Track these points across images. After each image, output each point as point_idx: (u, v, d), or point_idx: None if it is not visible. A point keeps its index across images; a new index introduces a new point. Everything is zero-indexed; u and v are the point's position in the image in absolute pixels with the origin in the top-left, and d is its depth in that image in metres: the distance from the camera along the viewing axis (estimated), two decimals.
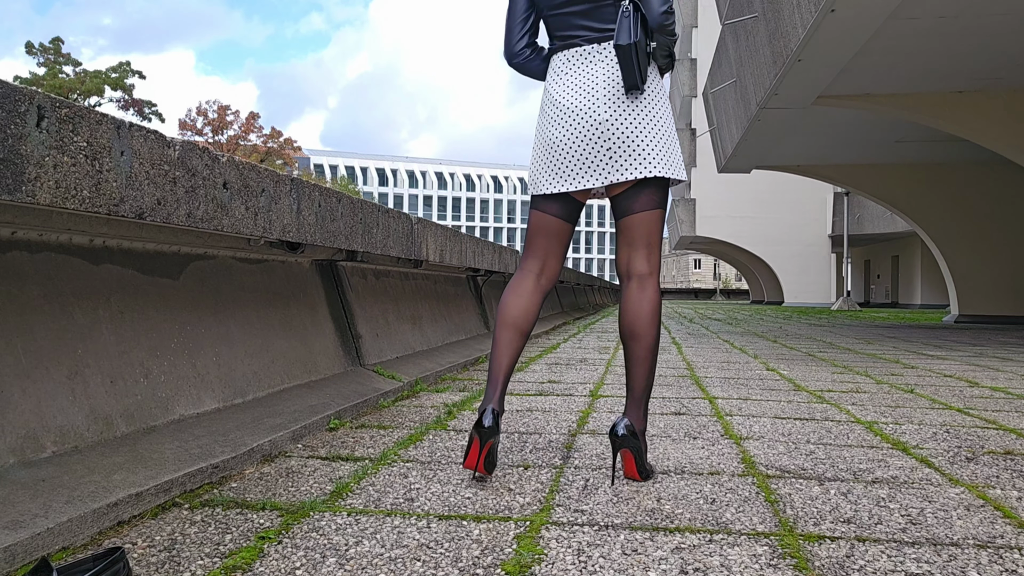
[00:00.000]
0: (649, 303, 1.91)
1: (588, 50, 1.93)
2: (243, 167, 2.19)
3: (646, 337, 1.90)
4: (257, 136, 49.49)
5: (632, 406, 1.92)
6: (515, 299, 1.97)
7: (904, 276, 29.06)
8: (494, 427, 1.76)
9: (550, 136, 1.94)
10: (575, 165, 1.91)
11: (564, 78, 1.95)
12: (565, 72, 1.95)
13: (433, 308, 4.85)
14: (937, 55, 7.63)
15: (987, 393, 3.68)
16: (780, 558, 1.36)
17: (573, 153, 1.90)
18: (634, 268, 1.94)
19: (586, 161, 1.89)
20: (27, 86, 1.40)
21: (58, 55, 39.23)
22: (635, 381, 1.92)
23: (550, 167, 1.95)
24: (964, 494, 1.80)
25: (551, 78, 1.99)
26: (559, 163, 1.93)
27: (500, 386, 1.88)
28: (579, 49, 1.95)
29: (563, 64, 1.97)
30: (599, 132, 1.87)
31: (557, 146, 1.92)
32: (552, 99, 1.96)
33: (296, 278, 2.97)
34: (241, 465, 1.91)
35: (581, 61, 1.94)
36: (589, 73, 1.92)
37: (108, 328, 1.83)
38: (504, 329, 1.94)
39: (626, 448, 1.83)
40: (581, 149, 1.89)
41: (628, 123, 1.87)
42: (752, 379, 4.13)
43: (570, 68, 1.95)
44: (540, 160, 1.98)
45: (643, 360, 1.91)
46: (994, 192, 13.04)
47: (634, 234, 1.94)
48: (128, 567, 1.17)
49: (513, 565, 1.30)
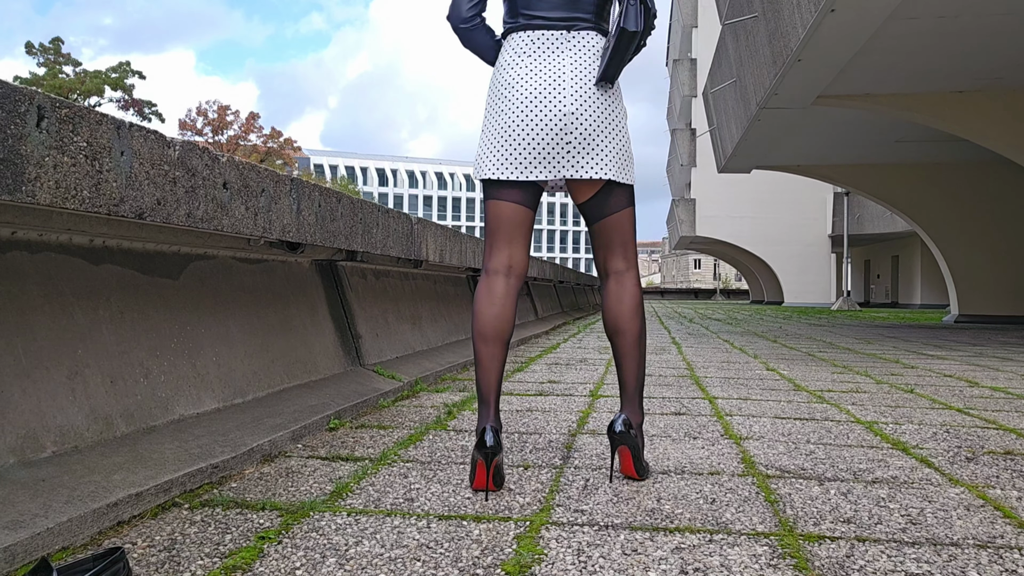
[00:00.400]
0: (629, 297, 1.90)
1: (556, 36, 1.84)
2: (243, 167, 2.19)
3: (630, 331, 1.89)
4: (257, 136, 49.50)
5: (626, 402, 1.91)
6: (488, 308, 1.84)
7: (904, 276, 29.05)
8: (496, 445, 1.71)
9: (506, 122, 1.83)
10: (531, 154, 1.81)
11: (526, 61, 1.84)
12: (527, 55, 1.84)
13: (433, 308, 4.85)
14: (937, 55, 7.63)
15: (987, 393, 3.68)
16: (780, 558, 1.36)
17: (531, 142, 1.81)
18: (611, 266, 1.93)
19: (544, 152, 1.81)
20: (27, 86, 1.40)
21: (58, 55, 39.23)
22: (626, 376, 1.92)
23: (504, 153, 1.83)
24: (964, 494, 1.80)
25: (511, 59, 1.86)
26: (515, 150, 1.82)
27: (493, 403, 1.81)
28: (546, 33, 1.84)
29: (525, 46, 1.85)
30: (561, 124, 1.79)
31: (513, 132, 1.82)
32: (510, 82, 1.84)
33: (296, 278, 2.97)
34: (241, 465, 1.91)
35: (548, 46, 1.84)
36: (556, 61, 1.82)
37: (108, 328, 1.83)
38: (484, 343, 1.84)
39: (624, 445, 1.83)
40: (540, 139, 1.80)
41: (592, 119, 1.80)
42: (752, 379, 4.13)
43: (534, 52, 1.84)
44: (493, 145, 1.85)
45: (630, 354, 1.90)
46: (994, 192, 13.04)
47: (609, 236, 1.92)
48: (128, 567, 1.17)
49: (513, 565, 1.30)
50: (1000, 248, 13.01)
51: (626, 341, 1.91)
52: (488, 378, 1.83)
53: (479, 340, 1.85)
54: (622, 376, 1.93)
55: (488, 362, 1.84)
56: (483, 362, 1.84)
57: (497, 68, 1.90)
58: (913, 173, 13.61)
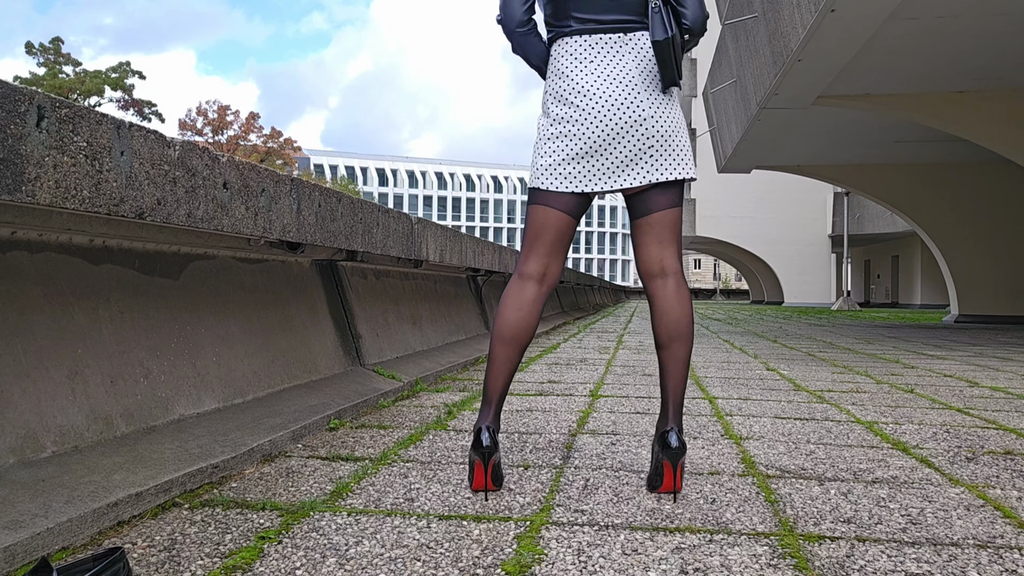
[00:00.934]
0: (689, 302, 1.83)
1: (614, 39, 1.79)
2: (243, 167, 2.19)
3: (690, 337, 1.81)
4: (257, 136, 49.53)
5: (673, 412, 1.77)
6: (516, 312, 1.80)
7: (904, 276, 29.06)
8: (492, 445, 1.69)
9: (576, 130, 1.75)
10: (610, 162, 1.75)
11: (589, 66, 1.77)
12: (589, 60, 1.77)
13: (433, 308, 4.85)
14: (937, 55, 7.63)
15: (987, 393, 3.68)
16: (780, 558, 1.36)
17: (610, 149, 1.74)
18: (668, 266, 1.83)
19: (624, 158, 1.75)
20: (27, 86, 1.40)
21: (58, 55, 39.24)
22: (678, 385, 1.80)
23: (573, 162, 1.76)
24: (964, 494, 1.80)
25: (572, 65, 1.79)
26: (588, 159, 1.75)
27: (495, 405, 1.78)
28: (603, 37, 1.79)
29: (584, 51, 1.78)
30: (642, 129, 1.74)
31: (587, 140, 1.75)
32: (576, 87, 1.76)
33: (296, 278, 2.97)
34: (241, 465, 1.91)
35: (609, 51, 1.78)
36: (621, 64, 1.77)
37: (108, 328, 1.83)
38: (503, 346, 1.80)
39: (680, 460, 1.69)
40: (620, 145, 1.74)
41: (667, 121, 1.77)
42: (752, 379, 4.13)
43: (596, 57, 1.78)
44: (559, 153, 1.78)
45: (685, 362, 1.80)
46: (994, 192, 13.04)
47: (665, 231, 1.83)
48: (128, 567, 1.17)
49: (513, 565, 1.30)
50: (1000, 248, 13.02)
51: (684, 348, 1.80)
52: (497, 380, 1.80)
53: (498, 341, 1.81)
54: (673, 385, 1.80)
55: (502, 364, 1.81)
56: (496, 363, 1.81)
57: (557, 75, 1.82)
58: (913, 173, 13.61)
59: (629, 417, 2.81)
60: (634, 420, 2.75)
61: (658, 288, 1.83)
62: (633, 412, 2.93)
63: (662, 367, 1.82)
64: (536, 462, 2.06)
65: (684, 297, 1.82)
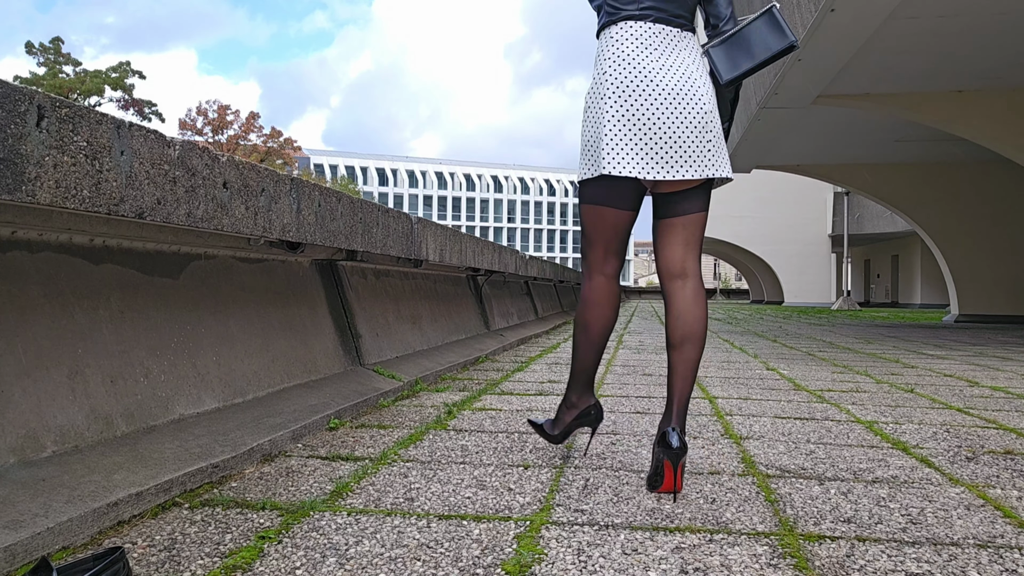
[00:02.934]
0: (705, 305, 1.86)
1: (675, 33, 1.79)
2: (243, 167, 2.19)
3: (702, 340, 1.83)
4: (257, 136, 49.51)
5: (677, 413, 1.77)
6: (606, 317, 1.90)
7: (904, 276, 29.06)
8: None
9: (645, 116, 1.72)
10: (675, 152, 1.73)
11: (656, 55, 1.76)
12: (656, 48, 1.77)
13: (433, 308, 4.85)
14: (937, 55, 7.63)
15: (987, 393, 3.68)
16: (780, 558, 1.36)
17: (677, 138, 1.73)
18: (690, 268, 1.84)
19: (688, 150, 1.74)
20: (27, 86, 1.40)
21: (58, 55, 39.23)
22: (686, 387, 1.80)
23: (642, 149, 1.72)
24: (964, 494, 1.80)
25: (638, 49, 1.76)
26: (657, 147, 1.72)
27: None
28: (666, 28, 1.79)
29: (650, 38, 1.77)
30: (705, 122, 1.75)
31: (656, 128, 1.72)
32: (643, 73, 1.74)
33: (296, 278, 2.97)
34: (241, 465, 1.91)
35: (672, 42, 1.79)
36: (683, 58, 1.78)
37: (108, 328, 1.83)
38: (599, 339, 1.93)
39: (681, 460, 1.69)
40: (685, 136, 1.73)
41: (717, 120, 1.81)
42: (752, 379, 4.13)
43: (661, 45, 1.78)
44: (627, 139, 1.73)
45: (695, 364, 1.81)
46: (994, 192, 13.04)
47: (693, 233, 1.84)
48: (128, 567, 1.17)
49: (513, 565, 1.30)
50: (1000, 248, 13.02)
51: (698, 349, 1.81)
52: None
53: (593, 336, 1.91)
54: (681, 386, 1.80)
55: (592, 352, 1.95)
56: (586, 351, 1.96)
57: (621, 57, 1.78)
58: (913, 173, 13.61)
59: (629, 417, 2.81)
60: (634, 420, 2.75)
61: (678, 289, 1.84)
62: (633, 412, 2.93)
63: (672, 367, 1.82)
64: (536, 462, 2.06)
65: (701, 300, 1.84)
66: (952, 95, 8.95)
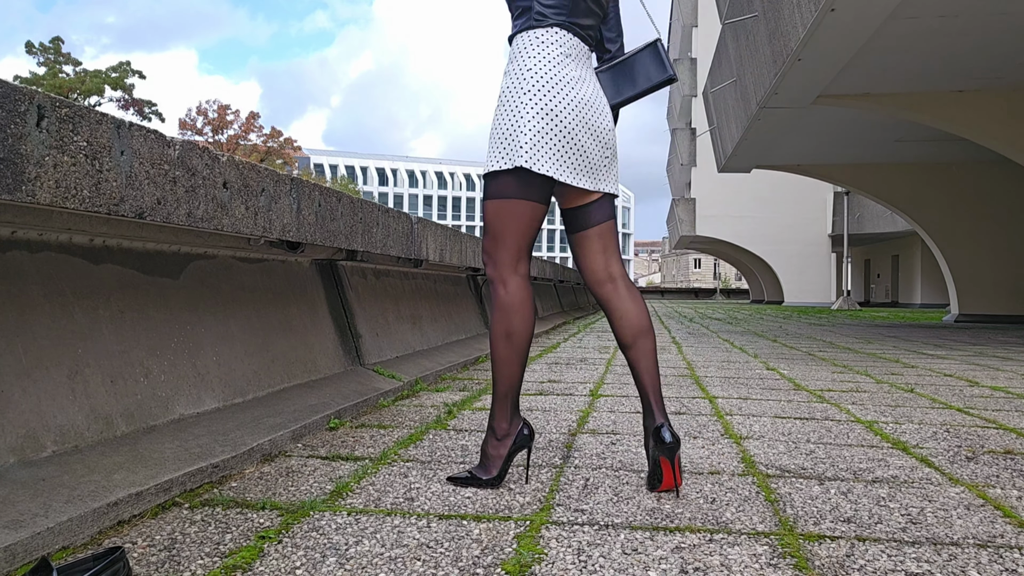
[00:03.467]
0: (641, 298, 1.91)
1: (587, 51, 1.87)
2: (243, 167, 2.19)
3: (651, 331, 1.87)
4: (257, 136, 49.50)
5: (657, 407, 1.80)
6: (529, 323, 1.81)
7: (904, 275, 29.05)
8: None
9: (566, 119, 1.75)
10: (583, 162, 1.79)
11: (575, 65, 1.81)
12: (575, 59, 1.82)
13: (433, 308, 4.85)
14: (937, 55, 7.63)
15: (987, 392, 3.68)
16: (780, 557, 1.36)
17: (588, 149, 1.79)
18: (615, 271, 1.91)
19: (591, 162, 1.81)
20: (27, 86, 1.40)
21: (58, 54, 39.22)
22: (654, 379, 1.84)
23: (559, 152, 1.75)
24: (964, 493, 1.80)
25: (562, 56, 1.79)
26: (572, 153, 1.77)
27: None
28: (582, 45, 1.84)
29: (572, 49, 1.81)
30: (606, 139, 1.84)
31: (572, 134, 1.76)
32: (566, 79, 1.77)
33: (296, 278, 2.97)
34: (241, 465, 1.91)
35: (586, 58, 1.86)
36: (592, 75, 1.87)
37: (108, 328, 1.83)
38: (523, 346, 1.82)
39: (677, 455, 1.72)
40: (594, 148, 1.80)
41: (614, 138, 1.91)
42: (752, 378, 4.13)
43: (579, 57, 1.83)
44: (546, 137, 1.74)
45: (654, 353, 1.86)
46: (994, 192, 13.04)
47: (608, 240, 1.91)
48: (128, 567, 1.17)
49: (513, 565, 1.30)
50: (1000, 248, 13.01)
51: (650, 340, 1.86)
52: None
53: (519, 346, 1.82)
54: (649, 379, 1.83)
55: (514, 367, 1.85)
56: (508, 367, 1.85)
57: (548, 59, 1.78)
58: (913, 173, 13.61)
59: (629, 417, 2.81)
60: (634, 420, 2.74)
61: (610, 292, 1.89)
62: (633, 412, 2.92)
63: (634, 365, 1.86)
64: (536, 461, 2.06)
65: (636, 295, 1.90)
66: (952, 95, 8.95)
